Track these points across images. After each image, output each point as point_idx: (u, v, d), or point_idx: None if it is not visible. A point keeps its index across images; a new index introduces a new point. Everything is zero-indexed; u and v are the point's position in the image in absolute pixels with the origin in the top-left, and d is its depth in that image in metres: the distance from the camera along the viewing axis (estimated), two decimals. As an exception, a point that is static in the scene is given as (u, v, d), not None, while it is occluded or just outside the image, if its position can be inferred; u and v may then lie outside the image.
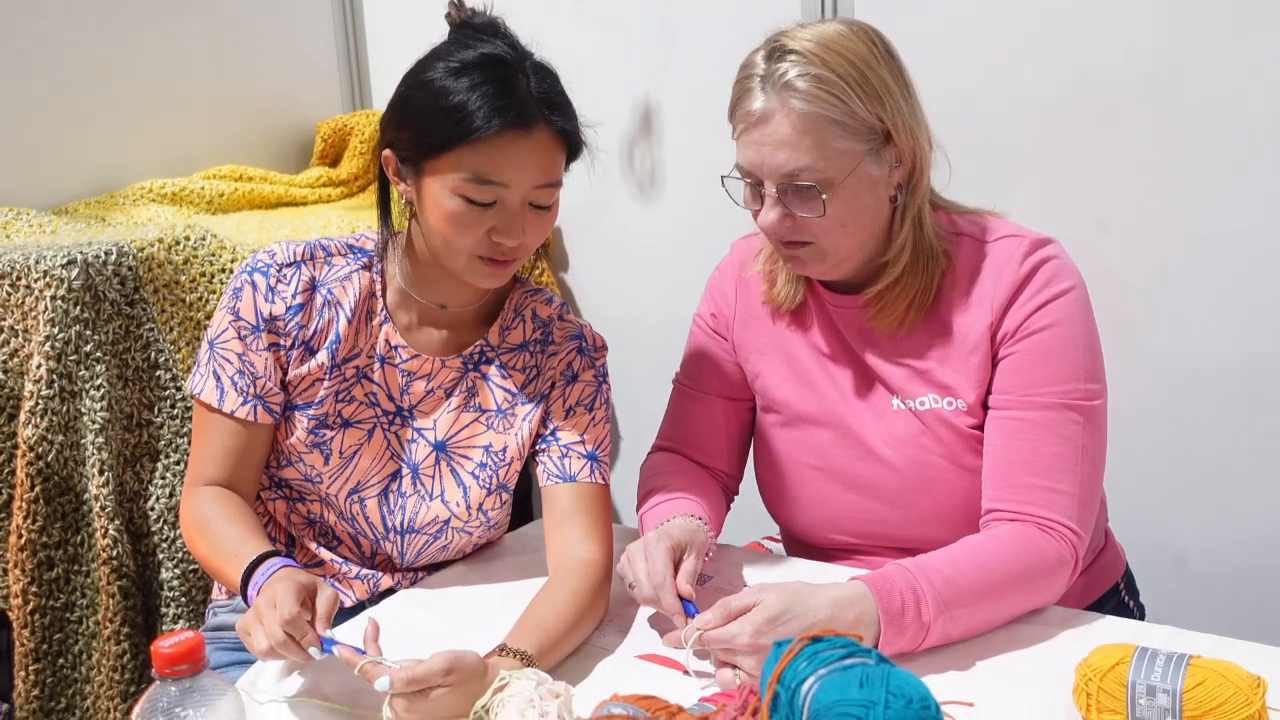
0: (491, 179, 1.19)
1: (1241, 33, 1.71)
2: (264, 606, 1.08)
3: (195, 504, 1.29)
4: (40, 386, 1.63)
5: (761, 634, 1.07)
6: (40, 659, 1.67)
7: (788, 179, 1.23)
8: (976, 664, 1.14)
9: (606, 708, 0.85)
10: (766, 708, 0.75)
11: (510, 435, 1.37)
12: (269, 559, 1.17)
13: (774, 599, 1.09)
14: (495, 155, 1.18)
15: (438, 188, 1.21)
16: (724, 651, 1.10)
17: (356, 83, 2.68)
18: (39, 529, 1.64)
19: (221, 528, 1.25)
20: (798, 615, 1.08)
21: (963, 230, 1.33)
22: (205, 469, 1.31)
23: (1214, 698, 0.95)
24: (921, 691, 0.69)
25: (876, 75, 1.22)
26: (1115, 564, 1.50)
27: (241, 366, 1.29)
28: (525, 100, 1.18)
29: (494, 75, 1.18)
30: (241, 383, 1.29)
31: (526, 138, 1.19)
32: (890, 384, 1.34)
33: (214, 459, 1.30)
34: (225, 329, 1.30)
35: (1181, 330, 1.85)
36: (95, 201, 2.15)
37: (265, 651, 1.06)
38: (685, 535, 1.25)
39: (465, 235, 1.22)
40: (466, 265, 1.25)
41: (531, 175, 1.20)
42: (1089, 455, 1.25)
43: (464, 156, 1.18)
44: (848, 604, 1.11)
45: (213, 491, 1.30)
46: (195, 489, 1.31)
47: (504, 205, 1.21)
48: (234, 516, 1.27)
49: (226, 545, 1.23)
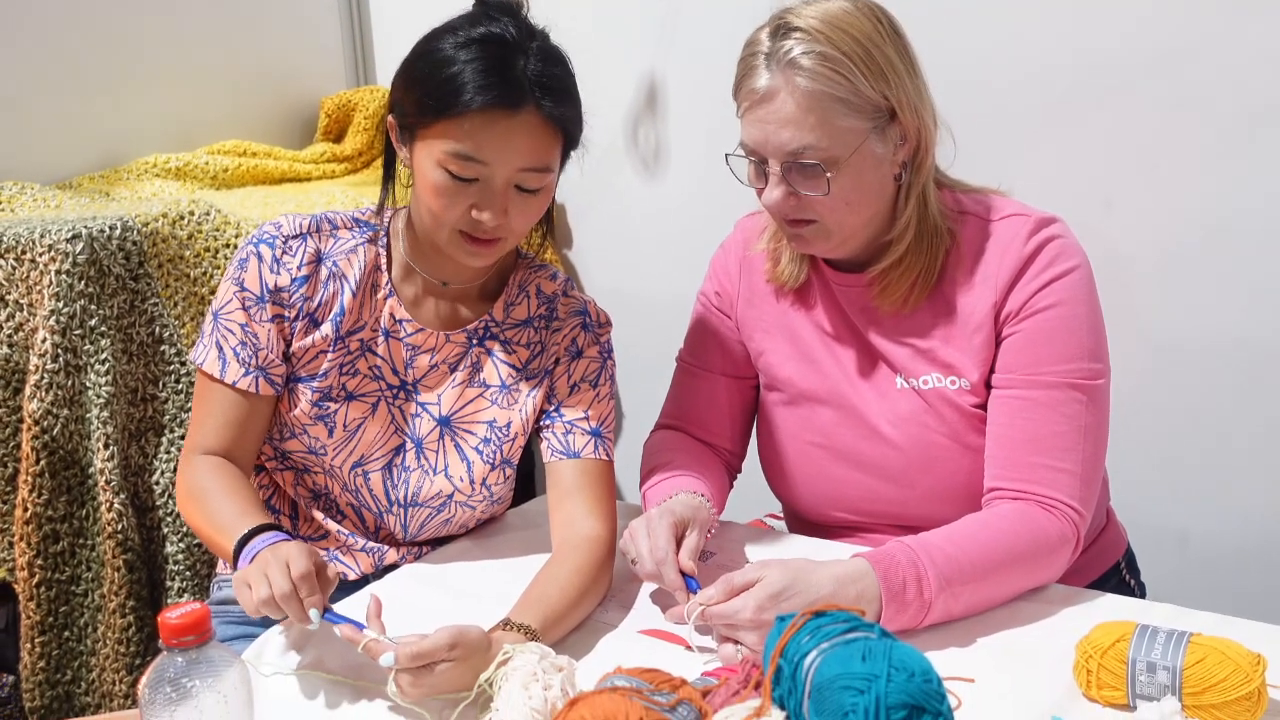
0: (472, 155, 1.19)
1: (1249, 13, 1.70)
2: (272, 560, 1.08)
3: (192, 472, 1.29)
4: (45, 361, 1.63)
5: (764, 610, 1.07)
6: (46, 631, 1.68)
7: (792, 157, 1.22)
8: (977, 641, 1.15)
9: (610, 680, 0.86)
10: (769, 681, 0.76)
11: (514, 411, 1.37)
12: (268, 531, 1.17)
13: (777, 575, 1.10)
14: (478, 132, 1.18)
15: (424, 156, 1.21)
16: (726, 627, 1.10)
17: (361, 59, 2.67)
18: (44, 503, 1.65)
19: (218, 498, 1.25)
20: (800, 591, 1.09)
21: (967, 209, 1.33)
22: (204, 438, 1.31)
23: (1214, 675, 0.95)
24: (924, 665, 0.70)
25: (881, 53, 1.22)
26: (1117, 543, 1.51)
27: (244, 337, 1.29)
28: (517, 80, 1.18)
29: (491, 52, 1.18)
30: (244, 354, 1.29)
31: (511, 118, 1.18)
32: (894, 363, 1.34)
33: (214, 428, 1.31)
34: (229, 300, 1.30)
35: (1185, 310, 1.85)
36: (99, 176, 2.15)
37: (264, 600, 1.06)
38: (688, 512, 1.26)
39: (447, 209, 1.22)
40: (449, 240, 1.25)
41: (514, 157, 1.20)
42: (1091, 434, 1.25)
43: (449, 129, 1.18)
44: (850, 580, 1.11)
45: (211, 461, 1.30)
46: (193, 457, 1.31)
47: (486, 183, 1.21)
48: (231, 488, 1.27)
49: (223, 514, 1.23)
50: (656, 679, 0.86)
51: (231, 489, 1.26)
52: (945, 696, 0.69)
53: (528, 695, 0.97)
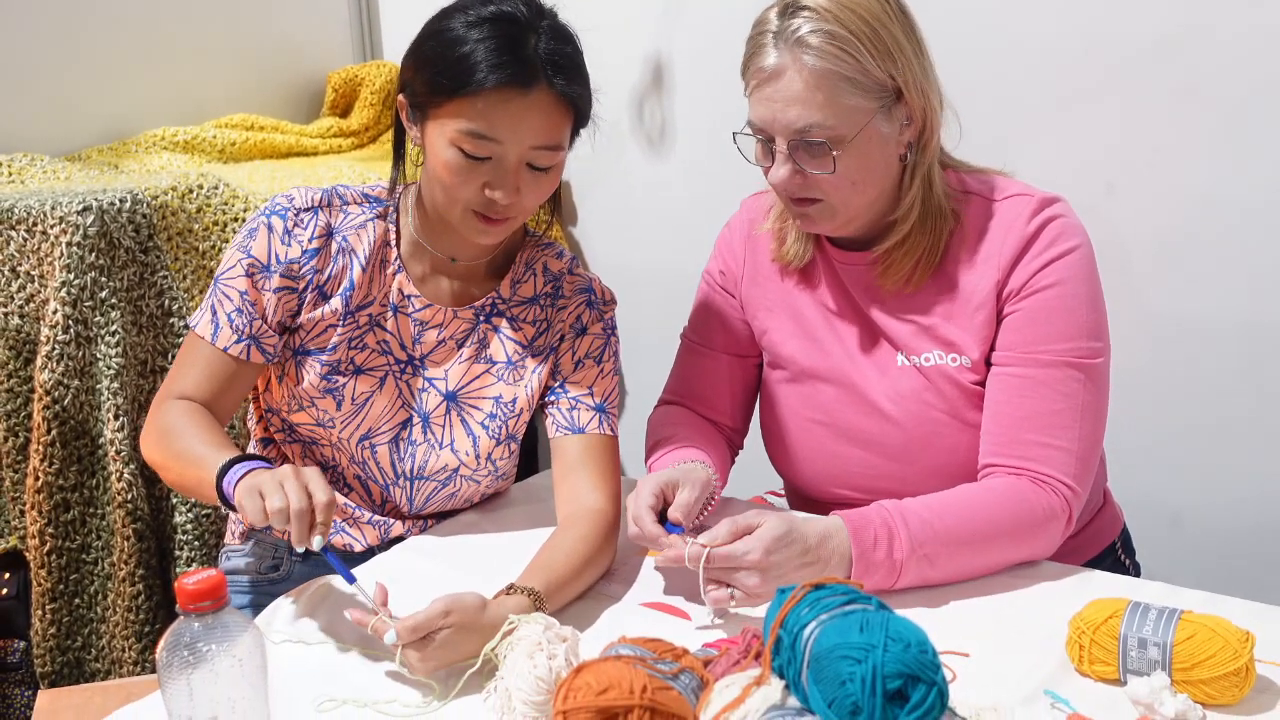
0: (485, 134, 1.20)
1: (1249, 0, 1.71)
2: (291, 476, 1.08)
3: (164, 413, 1.28)
4: (56, 332, 1.65)
5: (770, 552, 1.11)
6: (57, 599, 1.71)
7: (799, 135, 1.24)
8: (972, 616, 1.17)
9: (614, 649, 0.88)
10: (769, 651, 0.78)
11: (520, 387, 1.39)
12: (254, 460, 1.17)
13: (777, 520, 1.14)
14: (491, 111, 1.19)
15: (437, 135, 1.22)
16: (724, 571, 1.13)
17: (368, 33, 2.67)
18: (55, 472, 1.67)
19: (193, 433, 1.24)
20: (797, 538, 1.14)
21: (971, 189, 1.34)
22: (182, 385, 1.30)
23: (1203, 650, 0.98)
24: (919, 636, 0.72)
25: (889, 33, 1.23)
26: (1113, 523, 1.53)
27: (241, 304, 1.30)
28: (529, 59, 1.19)
29: (503, 31, 1.19)
30: (239, 320, 1.30)
31: (524, 96, 1.19)
32: (896, 340, 1.36)
33: (194, 380, 1.30)
34: (233, 266, 1.31)
35: (1185, 292, 1.86)
36: (108, 148, 2.16)
37: (277, 511, 1.05)
38: (679, 474, 1.28)
39: (461, 187, 1.23)
40: (461, 218, 1.26)
41: (527, 135, 1.21)
42: (1090, 413, 1.27)
43: (462, 108, 1.19)
44: (828, 535, 1.17)
45: (186, 403, 1.29)
46: (166, 401, 1.30)
47: (499, 162, 1.22)
48: (209, 426, 1.25)
49: (198, 448, 1.21)
50: (659, 648, 0.88)
51: (209, 427, 1.25)
52: (940, 667, 0.71)
53: (533, 664, 0.99)
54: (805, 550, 1.14)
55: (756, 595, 1.13)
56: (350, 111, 2.53)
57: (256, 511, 1.07)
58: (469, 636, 1.05)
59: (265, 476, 1.08)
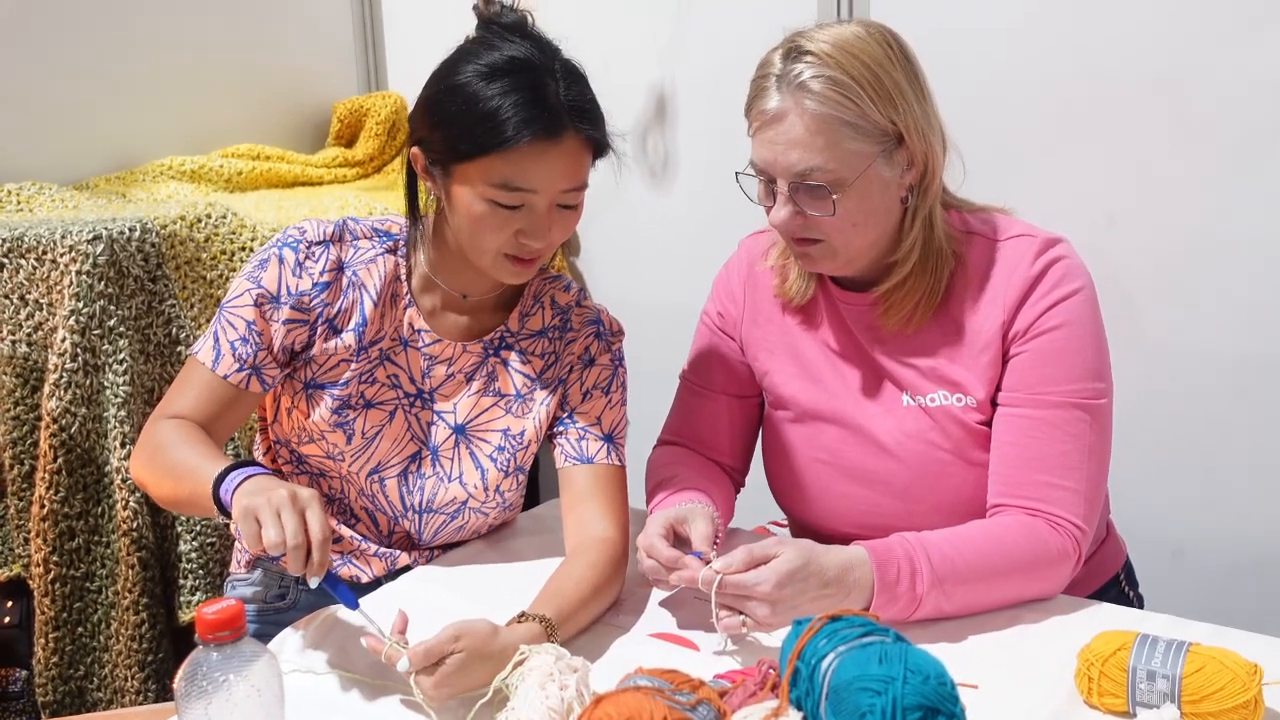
0: (520, 186, 1.21)
1: (1250, 35, 1.74)
2: (288, 502, 1.06)
3: (156, 430, 1.26)
4: (64, 360, 1.66)
5: (783, 585, 1.11)
6: (60, 627, 1.71)
7: (799, 178, 1.25)
8: (982, 647, 1.18)
9: (632, 679, 0.89)
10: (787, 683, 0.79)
11: (528, 419, 1.40)
12: (250, 465, 1.15)
13: (794, 552, 1.14)
14: (525, 163, 1.20)
15: (466, 191, 1.23)
16: (737, 598, 1.13)
17: (373, 64, 2.70)
18: (61, 500, 1.67)
19: (184, 448, 1.22)
20: (814, 572, 1.14)
21: (974, 229, 1.35)
22: (177, 407, 1.29)
23: (1212, 683, 0.98)
24: (938, 669, 0.72)
25: (890, 78, 1.24)
26: (1116, 555, 1.54)
27: (246, 334, 1.29)
28: (556, 109, 1.20)
29: (524, 82, 1.20)
30: (242, 350, 1.29)
31: (556, 146, 1.21)
32: (900, 380, 1.37)
33: (189, 403, 1.29)
34: (240, 295, 1.30)
35: (1185, 325, 1.88)
36: (115, 177, 2.18)
37: (274, 545, 1.04)
38: (685, 512, 1.28)
39: (493, 236, 1.24)
40: (493, 263, 1.27)
41: (559, 180, 1.23)
42: (1095, 453, 1.28)
43: (494, 164, 1.20)
44: (850, 566, 1.17)
45: (179, 421, 1.27)
46: (159, 420, 1.28)
47: (531, 208, 1.23)
48: (201, 440, 1.23)
49: (189, 460, 1.20)
50: (677, 679, 0.89)
51: (202, 441, 1.23)
52: (959, 699, 0.72)
53: (544, 695, 0.99)
54: (824, 583, 1.14)
55: (768, 624, 1.14)
56: (355, 142, 2.55)
57: (252, 538, 1.05)
58: (481, 663, 1.05)
59: (261, 501, 1.06)
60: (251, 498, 1.08)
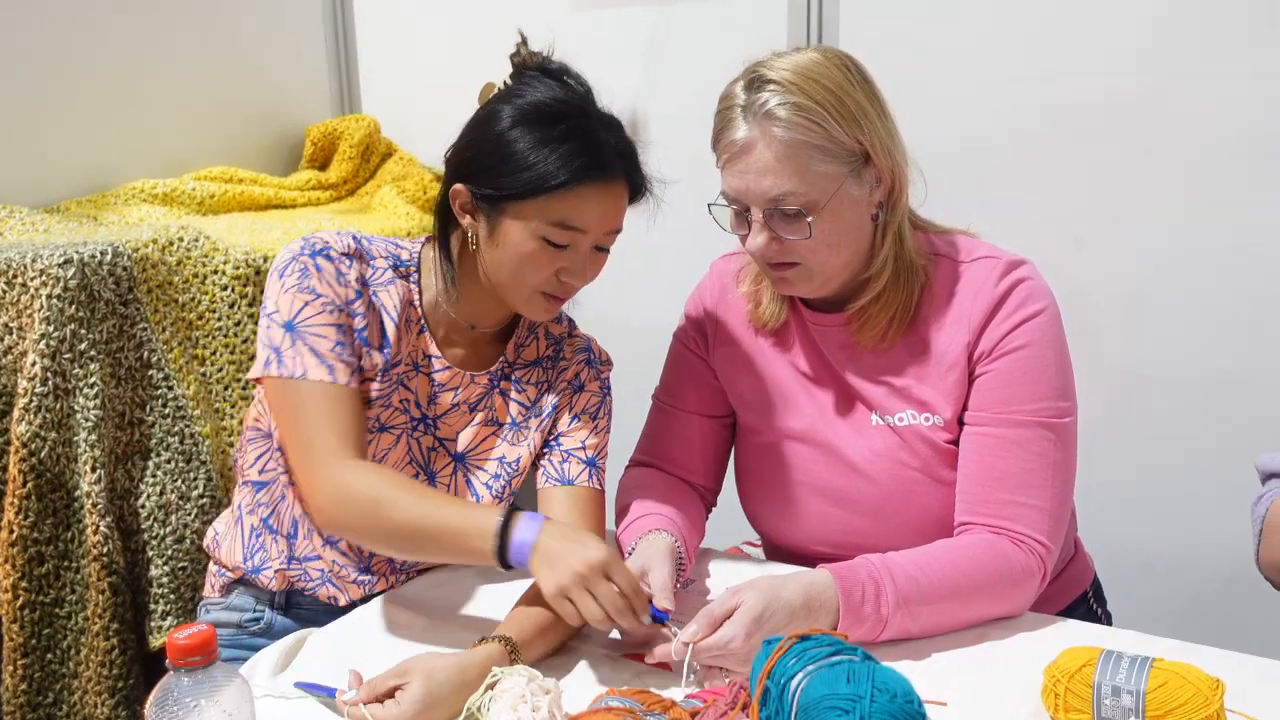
0: (574, 225, 1.25)
1: (1211, 62, 1.78)
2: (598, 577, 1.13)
3: (354, 476, 1.22)
4: (35, 384, 1.64)
5: (751, 635, 1.11)
6: (29, 654, 1.69)
7: (773, 204, 1.27)
8: (950, 665, 1.19)
9: (603, 700, 0.89)
10: (757, 703, 0.80)
11: (523, 445, 1.42)
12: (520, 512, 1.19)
13: (753, 598, 1.14)
14: (579, 205, 1.24)
15: (518, 229, 1.26)
16: (714, 658, 1.13)
17: (346, 87, 2.71)
18: (30, 525, 1.66)
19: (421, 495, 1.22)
20: (778, 608, 1.14)
21: (940, 251, 1.38)
22: (339, 440, 1.24)
23: (1175, 698, 1.00)
24: (905, 687, 0.73)
25: (853, 99, 1.27)
26: (1084, 573, 1.56)
27: (339, 338, 1.27)
28: (609, 157, 1.25)
29: (580, 127, 1.24)
30: (345, 354, 1.28)
31: (609, 190, 1.26)
32: (869, 401, 1.39)
33: (344, 430, 1.25)
34: (303, 307, 1.27)
35: (1151, 345, 1.91)
36: (87, 200, 2.16)
37: (598, 623, 1.14)
38: (641, 561, 1.28)
39: (536, 273, 1.27)
40: (528, 299, 1.30)
41: (607, 222, 1.28)
42: (1060, 471, 1.30)
43: (551, 204, 1.24)
44: (813, 592, 1.18)
45: (367, 464, 1.24)
46: (336, 463, 1.23)
47: (576, 248, 1.27)
48: (419, 484, 1.27)
49: (444, 508, 1.21)
50: (648, 700, 0.89)
51: (420, 485, 1.27)
52: (926, 716, 0.73)
53: (516, 716, 1.00)
54: (790, 613, 1.15)
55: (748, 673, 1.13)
56: (329, 164, 2.55)
57: (572, 616, 1.15)
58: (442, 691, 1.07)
59: (568, 580, 1.13)
60: (557, 575, 1.14)
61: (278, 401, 1.28)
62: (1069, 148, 1.91)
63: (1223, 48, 1.77)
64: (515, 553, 1.16)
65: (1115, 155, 1.88)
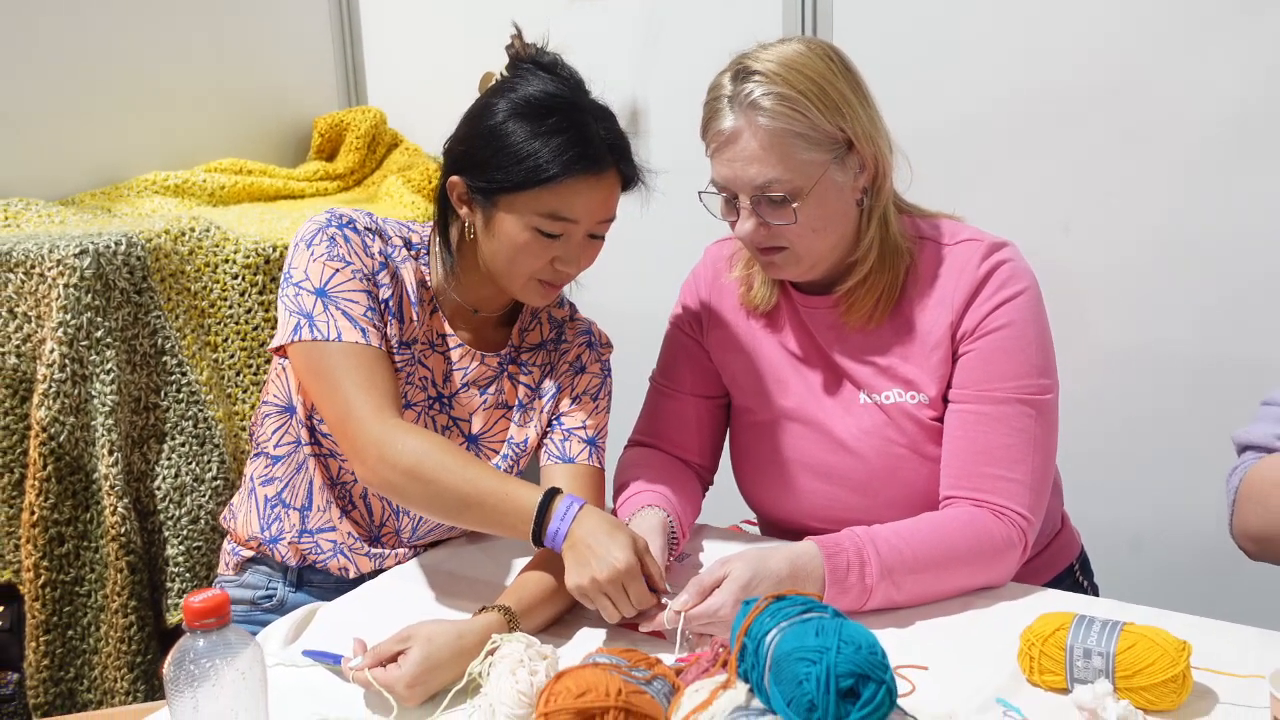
0: (565, 216, 1.29)
1: (1194, 46, 1.82)
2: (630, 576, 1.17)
3: (406, 436, 1.24)
4: (53, 370, 1.70)
5: (741, 599, 1.16)
6: (50, 631, 1.75)
7: (760, 191, 1.32)
8: (932, 633, 1.24)
9: (592, 657, 0.94)
10: (735, 657, 0.84)
11: (530, 427, 1.47)
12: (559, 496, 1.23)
13: (740, 567, 1.19)
14: (571, 196, 1.28)
15: (511, 220, 1.30)
16: (705, 625, 1.18)
17: (352, 79, 2.75)
18: (50, 506, 1.72)
19: (466, 459, 1.25)
20: (765, 576, 1.19)
21: (924, 234, 1.42)
22: (383, 401, 1.26)
23: (1143, 659, 1.04)
24: (869, 639, 0.78)
25: (835, 89, 1.31)
26: (1071, 545, 1.60)
27: (371, 304, 1.32)
28: (599, 148, 1.29)
29: (570, 120, 1.28)
30: (376, 319, 1.32)
31: (600, 181, 1.30)
32: (857, 380, 1.43)
33: (386, 391, 1.27)
34: (335, 274, 1.30)
35: (1136, 326, 1.95)
36: (100, 193, 2.22)
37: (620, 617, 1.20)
38: None
39: (531, 262, 1.32)
40: (524, 286, 1.35)
41: (598, 212, 1.32)
42: (1040, 446, 1.35)
43: (542, 196, 1.28)
44: (799, 562, 1.22)
45: (411, 425, 1.27)
46: (383, 423, 1.24)
47: (569, 237, 1.31)
48: (463, 451, 1.27)
49: (487, 481, 1.23)
50: (634, 658, 0.94)
51: (465, 452, 1.27)
52: (889, 667, 0.78)
53: (515, 680, 1.05)
54: (777, 583, 1.19)
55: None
56: (336, 155, 2.60)
57: (612, 615, 1.21)
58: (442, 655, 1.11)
59: (588, 585, 1.18)
60: (579, 577, 1.19)
61: (308, 366, 1.29)
62: (1055, 133, 1.95)
63: (1205, 32, 1.80)
64: (550, 538, 1.22)
65: (1100, 140, 1.91)
